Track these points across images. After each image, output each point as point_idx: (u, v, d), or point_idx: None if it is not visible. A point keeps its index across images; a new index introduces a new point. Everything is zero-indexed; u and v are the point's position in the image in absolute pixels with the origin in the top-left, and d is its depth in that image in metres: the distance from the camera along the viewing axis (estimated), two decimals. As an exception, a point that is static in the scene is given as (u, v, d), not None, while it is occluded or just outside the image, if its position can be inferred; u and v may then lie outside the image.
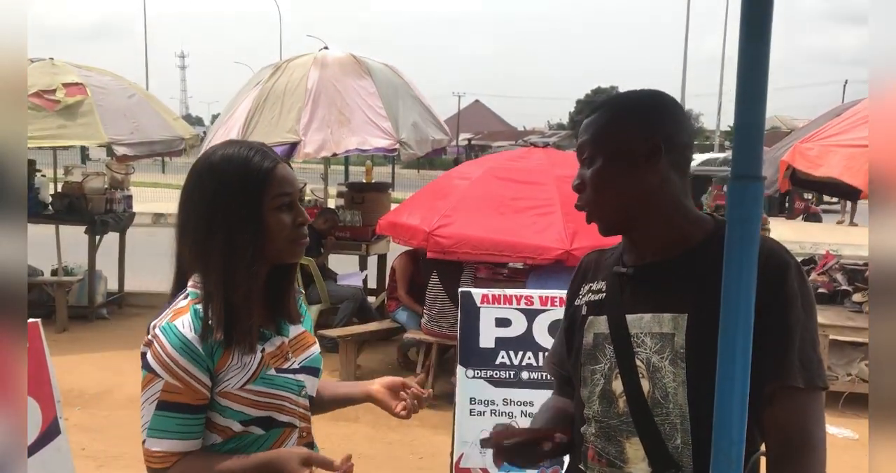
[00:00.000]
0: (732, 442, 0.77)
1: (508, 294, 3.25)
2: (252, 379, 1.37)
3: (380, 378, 1.64)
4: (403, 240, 5.44)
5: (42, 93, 6.27)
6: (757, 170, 0.72)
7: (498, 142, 38.10)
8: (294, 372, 1.45)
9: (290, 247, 1.41)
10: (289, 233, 1.39)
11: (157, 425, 1.33)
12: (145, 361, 1.34)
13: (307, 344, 1.53)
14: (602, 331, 1.36)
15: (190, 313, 1.34)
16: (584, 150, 1.35)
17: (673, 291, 1.28)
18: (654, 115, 1.31)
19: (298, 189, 1.43)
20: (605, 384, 1.34)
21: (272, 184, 1.37)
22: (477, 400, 3.15)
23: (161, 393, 1.32)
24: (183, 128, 7.42)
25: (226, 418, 1.38)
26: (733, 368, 0.75)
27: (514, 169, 5.48)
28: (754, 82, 0.71)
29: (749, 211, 0.71)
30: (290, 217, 1.39)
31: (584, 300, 1.44)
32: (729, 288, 0.74)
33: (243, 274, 1.34)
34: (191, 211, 1.38)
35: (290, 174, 1.42)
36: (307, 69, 6.47)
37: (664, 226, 1.30)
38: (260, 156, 1.38)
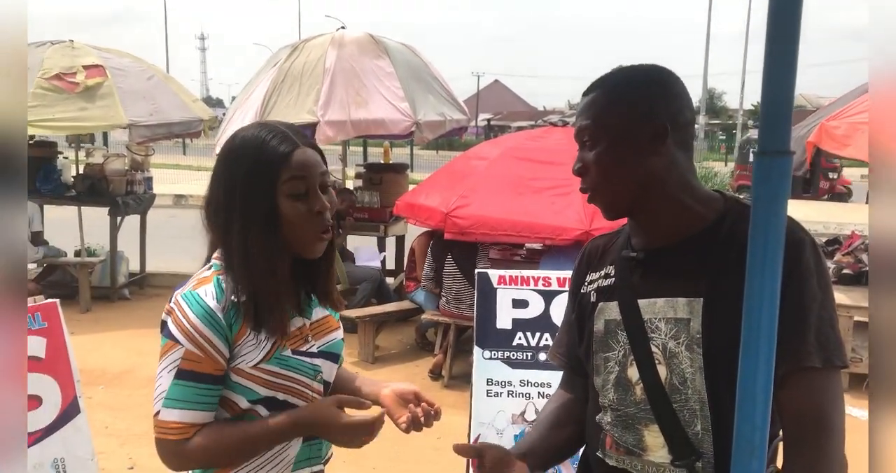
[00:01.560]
0: (755, 427, 0.74)
1: (525, 275, 3.22)
2: (266, 359, 1.33)
3: (396, 383, 1.56)
4: (421, 221, 5.42)
5: (63, 76, 6.31)
6: (785, 144, 0.68)
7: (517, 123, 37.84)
8: (311, 355, 1.41)
9: (306, 240, 1.34)
10: (305, 224, 1.32)
11: (175, 394, 1.29)
12: (166, 328, 1.31)
13: (330, 329, 1.49)
14: (613, 318, 1.32)
15: (213, 283, 1.32)
16: (583, 134, 1.30)
17: (686, 275, 1.24)
18: (656, 94, 1.26)
19: (320, 173, 1.35)
20: (619, 371, 1.31)
21: (285, 169, 1.30)
22: (494, 381, 3.14)
23: (181, 361, 1.29)
24: (201, 109, 7.43)
25: (235, 394, 1.35)
26: (757, 351, 0.72)
27: (533, 149, 5.43)
28: (784, 52, 0.67)
29: (776, 187, 0.68)
30: (305, 205, 1.32)
31: (592, 287, 1.40)
32: (754, 268, 0.71)
33: (264, 266, 1.31)
34: (213, 192, 1.36)
35: (311, 159, 1.34)
36: (324, 49, 6.43)
37: (673, 208, 1.26)
38: (278, 139, 1.32)
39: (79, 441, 2.31)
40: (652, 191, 1.25)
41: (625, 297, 1.30)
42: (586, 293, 1.41)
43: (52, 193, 7.05)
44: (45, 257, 6.77)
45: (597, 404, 1.37)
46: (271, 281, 1.31)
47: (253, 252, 1.30)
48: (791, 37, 0.69)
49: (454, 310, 5.24)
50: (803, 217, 0.90)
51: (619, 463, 1.31)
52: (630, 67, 1.33)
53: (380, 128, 6.18)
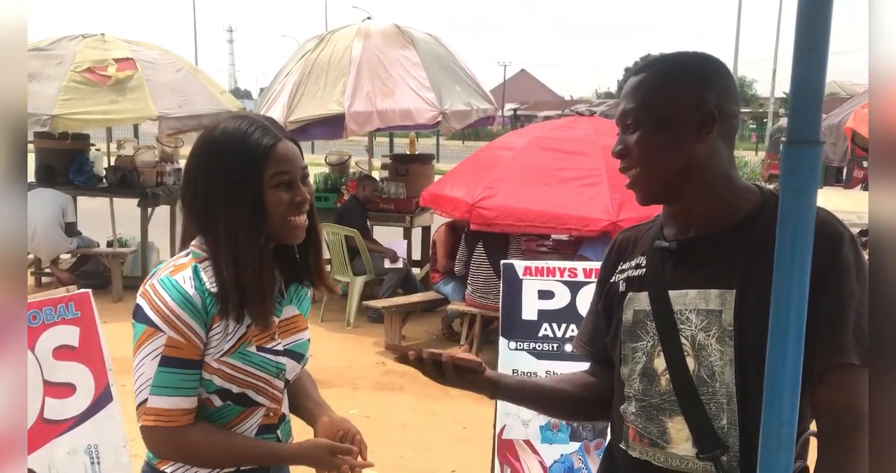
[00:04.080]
0: (783, 423, 0.73)
1: (551, 266, 3.20)
2: (229, 352, 1.34)
3: (338, 416, 1.56)
4: (447, 212, 5.42)
5: (94, 69, 6.40)
6: (815, 134, 0.66)
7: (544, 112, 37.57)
8: (276, 353, 1.42)
9: (285, 226, 1.37)
10: (284, 211, 1.35)
11: (162, 381, 1.31)
12: (143, 315, 1.31)
13: (298, 328, 1.50)
14: (643, 308, 1.31)
15: (190, 269, 1.34)
16: (628, 116, 1.27)
17: (719, 266, 1.22)
18: (707, 81, 1.23)
19: (301, 167, 1.39)
20: (646, 362, 1.29)
21: (271, 162, 1.33)
22: (519, 372, 3.14)
23: (164, 348, 1.30)
24: (229, 101, 7.50)
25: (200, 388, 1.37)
26: (785, 344, 0.71)
27: (560, 139, 5.38)
28: (814, 38, 0.66)
29: (805, 178, 0.66)
30: (288, 195, 1.35)
31: (621, 276, 1.38)
32: (782, 261, 0.69)
33: (250, 254, 1.32)
34: (192, 182, 1.37)
35: (292, 152, 1.37)
36: (351, 40, 6.45)
37: (710, 199, 1.24)
38: (260, 132, 1.34)
39: (111, 428, 2.36)
40: (691, 179, 1.23)
41: (655, 287, 1.29)
42: (615, 282, 1.39)
43: (84, 185, 7.17)
44: (79, 248, 6.89)
45: (622, 394, 1.35)
46: (260, 269, 1.33)
47: (241, 240, 1.32)
48: (822, 23, 0.67)
49: (480, 301, 5.24)
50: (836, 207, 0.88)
51: (642, 455, 1.30)
52: (679, 53, 1.30)
53: (406, 118, 6.18)
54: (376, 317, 6.04)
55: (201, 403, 1.36)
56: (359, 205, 6.56)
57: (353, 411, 4.47)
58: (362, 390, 4.84)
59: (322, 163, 8.56)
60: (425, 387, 4.92)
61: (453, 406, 4.59)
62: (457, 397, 4.77)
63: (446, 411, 4.52)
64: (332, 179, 7.37)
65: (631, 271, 1.37)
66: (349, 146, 11.99)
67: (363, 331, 6.06)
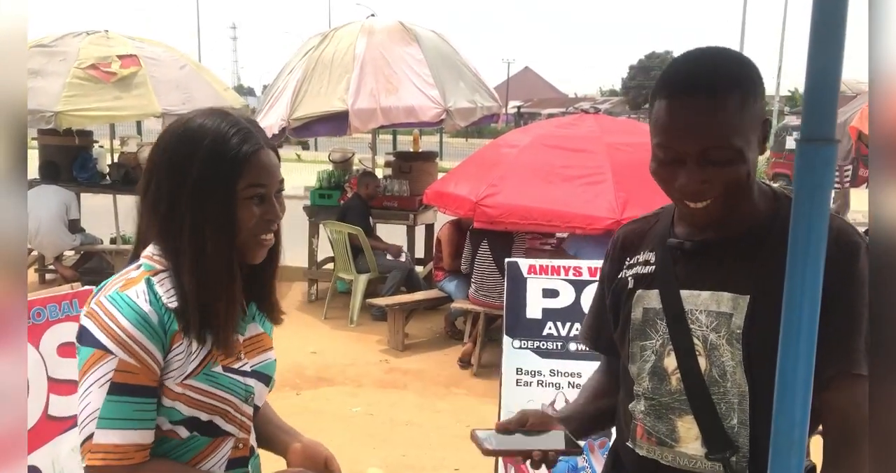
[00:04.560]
0: (795, 424, 0.72)
1: (556, 264, 3.19)
2: (194, 374, 1.20)
3: (310, 441, 1.43)
4: (450, 210, 5.41)
5: (98, 65, 6.40)
6: (830, 131, 0.66)
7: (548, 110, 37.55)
8: (244, 374, 1.27)
9: (251, 245, 1.23)
10: (253, 227, 1.21)
11: (111, 413, 1.13)
12: (89, 337, 1.14)
13: (264, 347, 1.35)
14: (652, 306, 1.29)
15: (143, 284, 1.18)
16: (709, 152, 1.12)
17: (735, 270, 1.20)
18: (761, 90, 1.16)
19: (279, 180, 1.25)
20: (656, 360, 1.28)
21: (248, 172, 1.19)
22: (523, 371, 3.13)
23: (114, 373, 1.13)
24: (233, 98, 7.50)
25: (160, 417, 1.20)
26: (798, 345, 0.70)
27: (564, 136, 5.37)
28: (829, 36, 0.65)
29: (820, 177, 0.65)
30: (259, 210, 1.21)
31: (629, 272, 1.35)
32: (795, 260, 0.68)
33: (220, 271, 1.19)
34: (156, 180, 1.21)
35: (272, 163, 1.23)
36: (354, 37, 6.44)
37: (735, 204, 1.19)
38: (242, 136, 1.20)
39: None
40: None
41: (667, 287, 1.27)
42: (623, 278, 1.36)
43: (88, 181, 7.18)
44: (82, 244, 6.90)
45: (630, 392, 1.34)
46: (227, 287, 1.20)
47: (209, 254, 1.18)
48: (837, 21, 0.66)
49: (483, 299, 5.23)
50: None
51: (650, 453, 1.29)
52: (720, 58, 1.17)
53: (410, 115, 6.17)
54: (380, 315, 6.04)
55: (163, 435, 1.21)
56: (361, 202, 6.55)
57: (356, 409, 4.47)
58: (366, 388, 4.83)
59: (326, 160, 8.56)
60: (429, 385, 4.93)
61: (457, 404, 4.58)
62: (460, 395, 4.77)
63: (450, 409, 4.52)
64: (335, 177, 7.37)
65: (639, 267, 1.34)
66: (353, 143, 11.99)
67: (366, 329, 6.06)
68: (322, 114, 6.11)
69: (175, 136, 1.21)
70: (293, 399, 4.49)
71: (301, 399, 4.56)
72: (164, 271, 1.20)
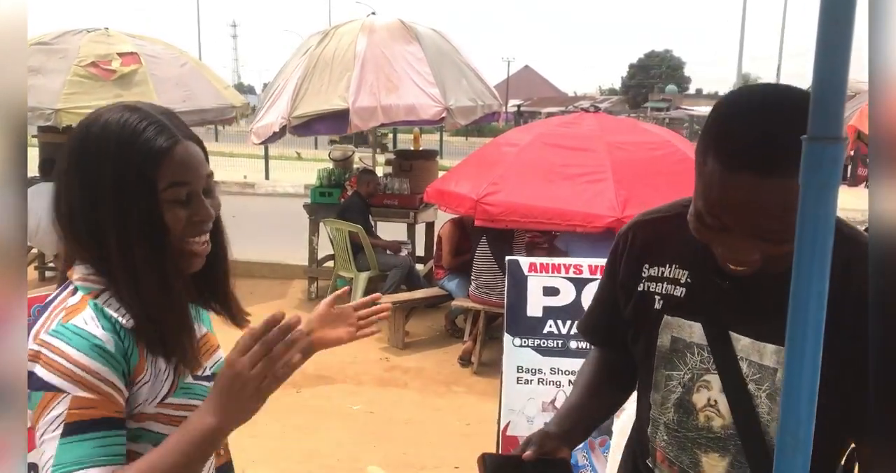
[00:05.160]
0: (801, 422, 0.72)
1: (556, 262, 3.20)
2: (171, 391, 1.09)
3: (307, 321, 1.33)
4: (451, 208, 5.41)
5: (98, 63, 6.40)
6: (837, 130, 0.66)
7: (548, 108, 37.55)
8: (207, 379, 1.18)
9: (183, 253, 1.10)
10: (182, 232, 1.08)
11: (68, 457, 0.96)
12: (37, 380, 0.98)
13: (213, 348, 1.26)
14: (683, 337, 1.20)
15: (90, 308, 1.04)
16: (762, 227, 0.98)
17: (779, 317, 1.06)
18: None
19: (205, 175, 1.11)
20: (683, 393, 1.22)
21: (165, 170, 1.05)
22: (524, 369, 3.14)
23: (67, 413, 0.97)
24: (233, 96, 7.49)
25: (139, 443, 1.07)
26: (804, 345, 0.70)
27: (564, 135, 5.37)
28: (837, 34, 0.65)
29: (828, 175, 0.65)
30: (186, 212, 1.08)
31: (655, 289, 1.25)
32: (802, 258, 0.68)
33: (157, 283, 1.06)
34: (67, 190, 1.07)
35: (195, 157, 1.09)
36: (355, 35, 6.44)
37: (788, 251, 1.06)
38: (155, 129, 1.06)
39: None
40: None
41: (714, 329, 1.16)
42: (646, 293, 1.26)
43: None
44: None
45: (647, 416, 1.29)
46: (170, 299, 1.07)
47: (140, 267, 1.04)
48: (845, 19, 0.66)
49: (484, 297, 5.24)
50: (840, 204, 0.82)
51: None
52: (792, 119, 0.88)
53: (410, 113, 6.17)
54: (380, 313, 6.04)
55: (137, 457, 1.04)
56: (361, 200, 6.56)
57: (356, 407, 4.48)
58: (366, 386, 4.84)
59: (326, 158, 8.56)
60: (429, 383, 4.93)
61: (457, 403, 4.59)
62: (460, 393, 4.77)
63: (450, 407, 4.53)
64: (335, 175, 7.37)
65: (668, 286, 1.23)
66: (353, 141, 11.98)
67: (367, 327, 6.06)
68: (323, 112, 6.12)
69: (79, 139, 1.07)
70: (293, 396, 4.49)
71: (301, 396, 4.57)
72: (105, 290, 1.07)
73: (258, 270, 7.59)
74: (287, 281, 7.46)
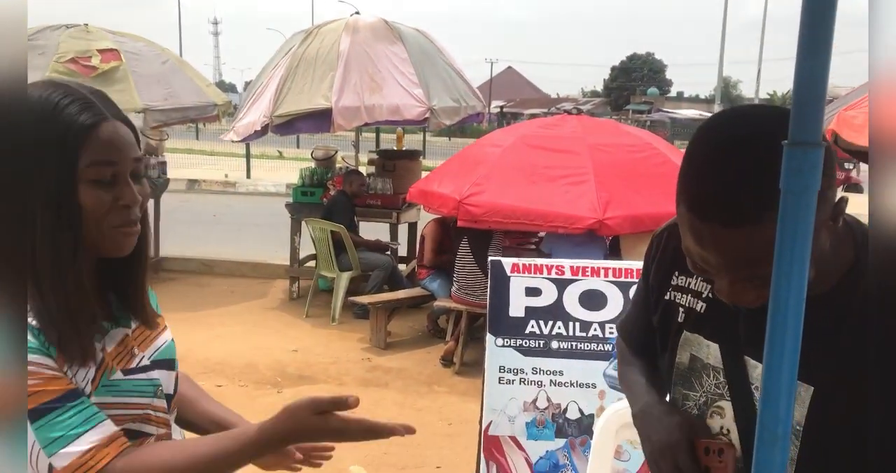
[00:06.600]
0: (779, 420, 0.74)
1: (539, 263, 3.22)
2: (93, 391, 1.03)
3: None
4: (434, 209, 5.42)
5: (78, 60, 6.32)
6: (817, 135, 0.67)
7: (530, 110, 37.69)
8: (145, 370, 1.12)
9: (111, 237, 1.04)
10: (107, 218, 1.02)
11: (49, 435, 0.96)
12: None
13: (153, 335, 1.19)
14: (701, 357, 1.16)
15: None
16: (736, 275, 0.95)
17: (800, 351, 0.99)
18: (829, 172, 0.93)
19: (133, 158, 1.05)
20: (697, 416, 1.18)
21: (88, 148, 0.99)
22: (506, 369, 3.15)
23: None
24: (215, 94, 7.44)
25: None
26: (783, 344, 0.72)
27: (547, 137, 5.41)
28: (817, 40, 0.66)
29: (807, 179, 0.67)
30: (110, 195, 1.02)
31: (679, 299, 1.21)
32: (781, 260, 0.70)
33: (54, 273, 0.99)
34: None
35: (122, 137, 1.04)
36: (338, 35, 6.42)
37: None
38: (78, 105, 1.00)
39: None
40: None
41: (731, 352, 1.12)
42: (672, 302, 1.22)
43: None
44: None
45: None
46: (64, 292, 1.00)
47: (38, 254, 0.98)
48: (825, 26, 0.68)
49: (466, 298, 5.25)
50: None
51: None
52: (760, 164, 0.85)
53: (394, 114, 6.17)
54: (362, 313, 6.03)
55: None
56: (347, 200, 6.55)
57: (338, 407, 4.47)
58: (348, 386, 4.83)
59: (308, 157, 8.53)
60: (410, 384, 4.93)
61: (438, 403, 4.60)
62: (442, 393, 4.78)
63: (432, 407, 4.53)
64: (318, 174, 7.35)
65: (691, 298, 1.19)
66: (336, 140, 11.95)
67: (348, 327, 6.05)
68: (305, 111, 6.10)
69: None
70: (274, 397, 4.47)
71: (282, 397, 4.55)
72: None
73: (239, 269, 7.56)
74: (268, 281, 7.42)
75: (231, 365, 4.97)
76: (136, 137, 1.09)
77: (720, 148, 0.93)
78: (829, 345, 0.99)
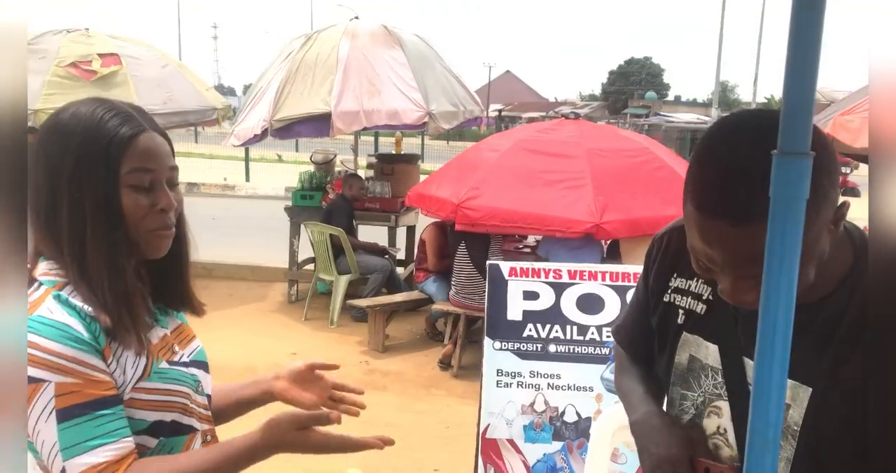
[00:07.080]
0: (769, 424, 0.76)
1: (536, 267, 3.23)
2: (145, 376, 1.10)
3: (282, 369, 1.38)
4: (432, 212, 5.44)
5: (78, 64, 6.34)
6: (805, 145, 0.69)
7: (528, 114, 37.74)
8: (186, 365, 1.20)
9: (147, 239, 1.12)
10: (145, 221, 1.11)
11: (71, 440, 1.01)
12: None
13: (189, 336, 1.28)
14: (699, 358, 1.18)
15: (52, 299, 1.06)
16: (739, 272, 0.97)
17: (798, 350, 0.88)
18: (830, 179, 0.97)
19: (169, 167, 1.14)
20: (695, 417, 1.19)
21: (128, 157, 1.08)
22: (504, 372, 3.17)
23: (55, 400, 1.00)
24: (215, 98, 7.46)
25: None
26: (773, 349, 0.74)
27: (545, 141, 5.43)
28: (805, 51, 0.68)
29: (795, 188, 0.69)
30: (147, 200, 1.11)
31: (679, 301, 1.22)
32: (771, 266, 0.72)
33: (107, 269, 1.07)
34: (33, 187, 1.09)
35: (159, 147, 1.13)
36: (338, 40, 6.45)
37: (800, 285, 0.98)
38: (120, 119, 1.10)
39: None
40: None
41: (730, 354, 1.13)
42: (671, 305, 1.23)
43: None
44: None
45: None
46: (119, 286, 1.08)
47: (89, 253, 1.07)
48: (813, 37, 0.70)
49: (464, 301, 5.27)
50: None
51: None
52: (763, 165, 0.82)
53: (393, 118, 6.19)
54: (360, 316, 6.04)
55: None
56: (346, 203, 6.57)
57: (336, 410, 4.47)
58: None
59: (307, 161, 8.55)
60: (409, 387, 4.94)
61: (437, 406, 4.61)
62: (440, 396, 4.79)
63: (430, 410, 4.54)
64: (317, 178, 7.37)
65: (691, 300, 1.20)
66: (335, 144, 11.97)
67: (347, 330, 6.06)
68: (305, 115, 6.12)
69: (49, 129, 1.11)
70: (273, 400, 4.48)
71: (281, 400, 4.56)
72: (68, 284, 1.08)
73: (238, 272, 7.56)
74: (267, 284, 7.43)
75: (230, 367, 4.97)
76: (172, 148, 1.18)
77: (728, 148, 0.96)
78: (827, 347, 1.01)
